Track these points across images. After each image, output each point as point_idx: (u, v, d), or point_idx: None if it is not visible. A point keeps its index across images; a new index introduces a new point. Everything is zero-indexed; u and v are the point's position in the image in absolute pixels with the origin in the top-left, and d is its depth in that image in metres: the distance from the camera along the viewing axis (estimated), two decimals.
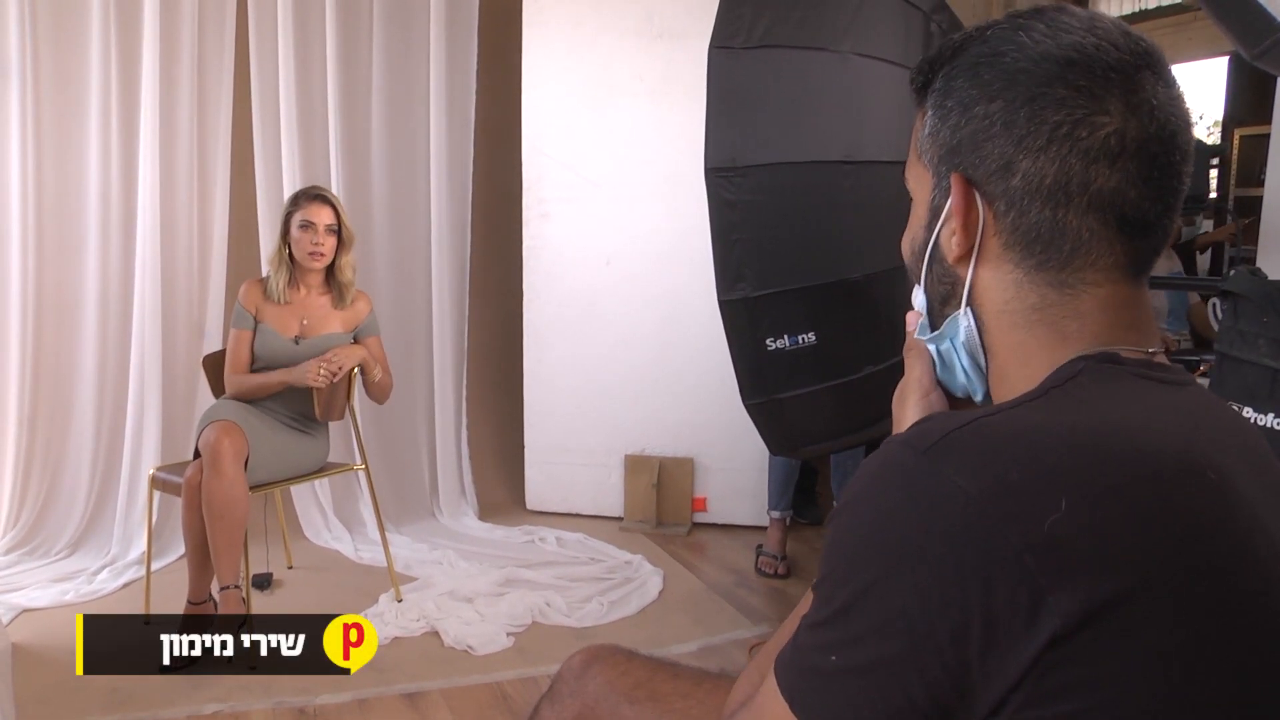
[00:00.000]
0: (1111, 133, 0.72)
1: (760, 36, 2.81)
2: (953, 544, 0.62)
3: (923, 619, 0.62)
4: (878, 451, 0.70)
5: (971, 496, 0.62)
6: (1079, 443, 0.65)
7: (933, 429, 0.68)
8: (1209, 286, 2.98)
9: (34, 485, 3.61)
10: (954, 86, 0.79)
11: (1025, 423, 0.68)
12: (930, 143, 0.81)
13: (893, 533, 0.65)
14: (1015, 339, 0.78)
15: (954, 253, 0.80)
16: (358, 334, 3.18)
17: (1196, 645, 0.62)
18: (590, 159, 4.03)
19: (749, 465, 3.93)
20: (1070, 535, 0.61)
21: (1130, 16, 5.63)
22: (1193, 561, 0.63)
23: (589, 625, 3.08)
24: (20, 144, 3.47)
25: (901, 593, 0.63)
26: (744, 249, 2.79)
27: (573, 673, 1.20)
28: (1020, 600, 0.60)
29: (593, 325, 4.09)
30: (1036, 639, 0.60)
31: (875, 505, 0.67)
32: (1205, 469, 0.67)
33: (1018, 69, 0.74)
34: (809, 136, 2.79)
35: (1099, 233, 0.74)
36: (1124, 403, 0.71)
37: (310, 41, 3.87)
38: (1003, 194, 0.76)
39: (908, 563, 0.63)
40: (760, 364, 2.78)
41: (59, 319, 3.63)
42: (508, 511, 4.25)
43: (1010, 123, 0.74)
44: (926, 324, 0.88)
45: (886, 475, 0.68)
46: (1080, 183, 0.73)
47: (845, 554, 0.68)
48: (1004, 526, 0.61)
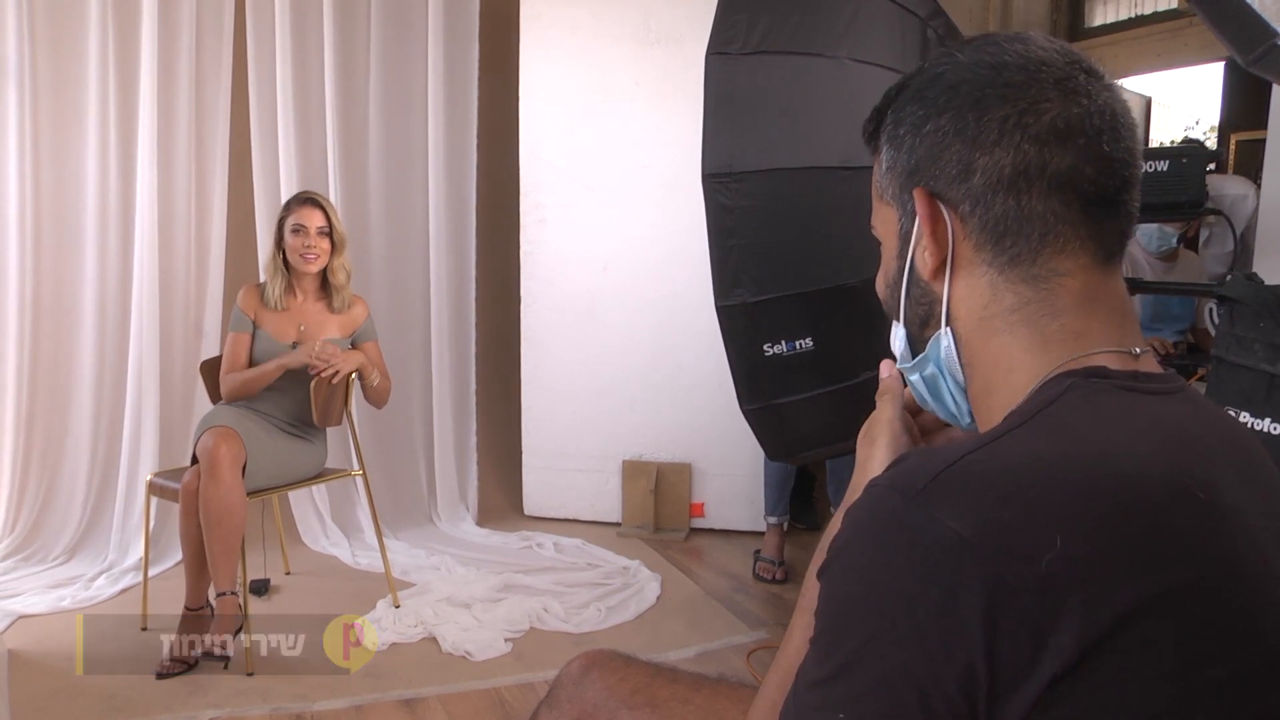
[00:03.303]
0: (1056, 115, 0.74)
1: (757, 42, 2.81)
2: (951, 590, 0.61)
3: (928, 670, 0.61)
4: (862, 497, 0.70)
5: (966, 540, 0.62)
6: (1068, 475, 0.65)
7: (919, 470, 0.67)
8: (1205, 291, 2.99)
9: (31, 490, 3.60)
10: (903, 116, 0.81)
11: (1012, 457, 0.67)
12: (889, 177, 0.83)
13: (888, 583, 0.64)
14: (997, 346, 0.79)
15: (929, 267, 0.81)
16: (355, 339, 3.18)
17: (1195, 668, 0.62)
18: (588, 164, 4.04)
19: (746, 471, 3.93)
20: (1067, 572, 0.61)
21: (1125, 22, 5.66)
22: (1186, 585, 0.63)
23: (587, 631, 3.07)
24: (19, 147, 3.46)
25: (903, 645, 0.62)
26: (741, 254, 2.79)
27: (571, 678, 1.20)
28: (1023, 642, 0.60)
29: (590, 330, 4.09)
30: (1040, 678, 0.60)
31: (868, 555, 0.67)
32: (1194, 489, 0.67)
33: (958, 80, 0.78)
34: (806, 142, 2.80)
35: (1063, 215, 0.75)
36: (1111, 424, 0.70)
37: (308, 46, 3.88)
38: (965, 195, 0.77)
39: (906, 613, 0.62)
40: (758, 369, 2.79)
41: (57, 323, 3.62)
42: (505, 517, 4.26)
43: (961, 128, 0.77)
44: (908, 354, 0.88)
45: (877, 522, 0.67)
46: (1037, 166, 0.74)
47: (841, 609, 0.67)
48: (1001, 568, 0.61)
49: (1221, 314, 2.16)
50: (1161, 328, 3.76)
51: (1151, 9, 5.60)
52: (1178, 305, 3.79)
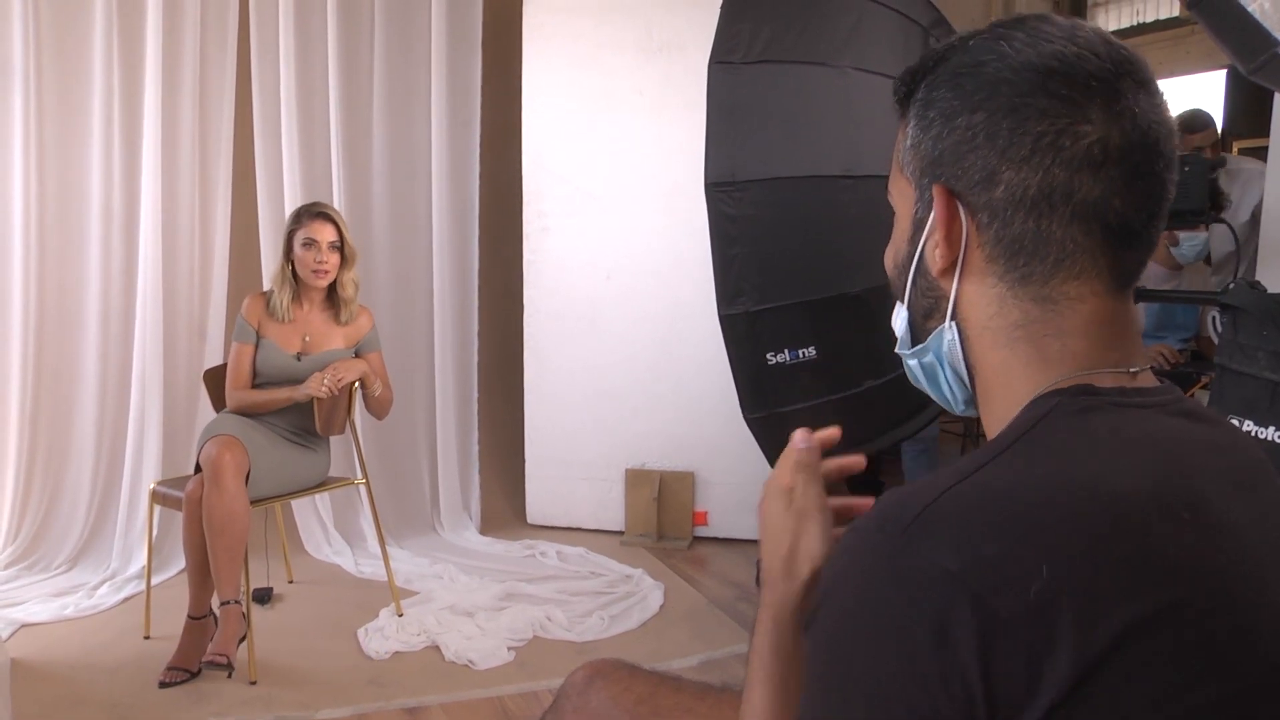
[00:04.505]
0: (1094, 141, 0.71)
1: (760, 51, 2.82)
2: (943, 626, 0.60)
3: (929, 706, 0.60)
4: (847, 537, 0.69)
5: (954, 574, 0.61)
6: (1053, 501, 0.64)
7: (903, 506, 0.66)
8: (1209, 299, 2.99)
9: (34, 499, 3.60)
10: (935, 97, 0.77)
11: (995, 486, 0.66)
12: (912, 154, 0.80)
13: (880, 621, 0.63)
14: (998, 357, 0.77)
15: (938, 265, 0.79)
16: (359, 349, 3.18)
17: (1190, 688, 0.61)
18: (590, 172, 4.04)
19: (750, 479, 3.91)
20: (1056, 600, 0.60)
21: (1127, 30, 5.66)
22: (1177, 605, 0.62)
23: (590, 639, 3.07)
24: (23, 153, 3.47)
25: (900, 683, 0.61)
26: (744, 263, 2.80)
27: (576, 688, 1.20)
28: (1018, 672, 0.59)
29: (593, 338, 4.09)
30: (1038, 708, 0.59)
31: (857, 594, 0.65)
32: (1179, 508, 0.66)
33: (999, 79, 0.73)
34: (808, 151, 2.81)
35: (1083, 244, 0.73)
36: (1095, 444, 0.69)
37: (312, 55, 3.89)
38: (985, 205, 0.74)
39: (902, 651, 0.61)
40: (761, 378, 2.79)
41: (60, 331, 3.62)
42: (508, 525, 4.25)
43: (993, 134, 0.73)
44: (907, 338, 0.87)
45: (864, 561, 0.66)
46: (1064, 192, 0.72)
47: (833, 651, 0.66)
48: (992, 600, 0.60)
49: (1224, 322, 2.16)
50: (1166, 335, 3.75)
51: (1153, 17, 5.61)
52: (1182, 313, 3.79)
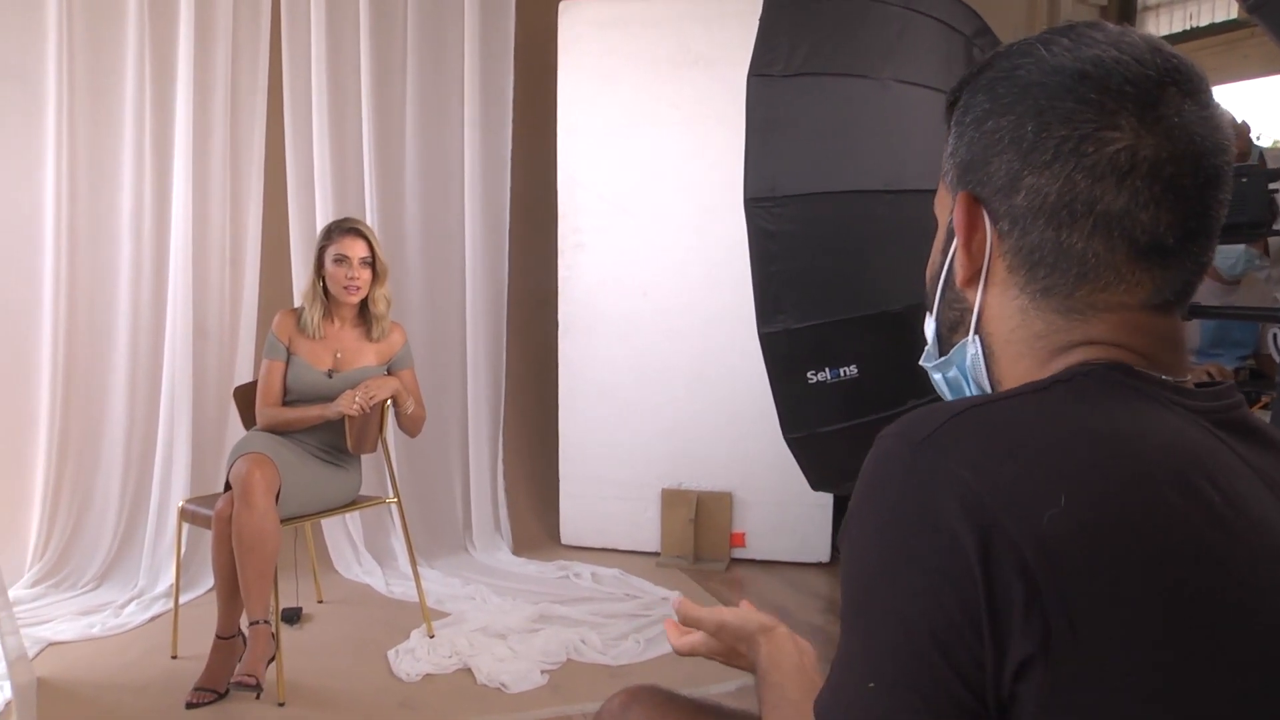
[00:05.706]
0: (1121, 149, 0.67)
1: (799, 64, 2.77)
2: (955, 535, 0.60)
3: (944, 621, 0.60)
4: (872, 450, 0.68)
5: (970, 486, 0.61)
6: (1078, 440, 0.63)
7: (926, 418, 0.66)
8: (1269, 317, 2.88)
9: (62, 516, 3.58)
10: (973, 103, 0.76)
11: (1024, 413, 0.66)
12: (950, 162, 0.78)
13: (898, 540, 0.63)
14: (1023, 369, 0.75)
15: (961, 275, 0.78)
16: (391, 366, 3.14)
17: (1185, 662, 0.59)
18: (626, 188, 3.99)
19: (789, 500, 3.83)
20: (1066, 535, 0.59)
21: (1179, 35, 5.52)
22: (1181, 577, 0.60)
23: (625, 663, 2.99)
24: (55, 166, 3.47)
25: (917, 599, 0.61)
26: (784, 280, 2.73)
27: (612, 714, 1.19)
28: (1015, 594, 0.58)
29: (629, 356, 4.03)
30: (1032, 635, 0.58)
31: (877, 513, 0.66)
32: (1203, 483, 0.63)
33: (1031, 82, 0.71)
34: (849, 165, 2.74)
35: (1106, 258, 0.70)
36: (1126, 409, 0.67)
37: (344, 68, 3.88)
38: (1007, 212, 0.73)
39: (917, 567, 0.62)
40: (801, 397, 2.72)
41: (90, 347, 3.62)
42: (542, 546, 4.19)
43: (1018, 138, 0.71)
44: (934, 351, 0.85)
45: (884, 474, 0.66)
46: (1085, 202, 0.68)
47: (859, 575, 0.67)
48: (1003, 518, 0.60)
49: None
50: (1222, 353, 3.64)
51: (1207, 20, 5.45)
52: (1239, 330, 3.68)
